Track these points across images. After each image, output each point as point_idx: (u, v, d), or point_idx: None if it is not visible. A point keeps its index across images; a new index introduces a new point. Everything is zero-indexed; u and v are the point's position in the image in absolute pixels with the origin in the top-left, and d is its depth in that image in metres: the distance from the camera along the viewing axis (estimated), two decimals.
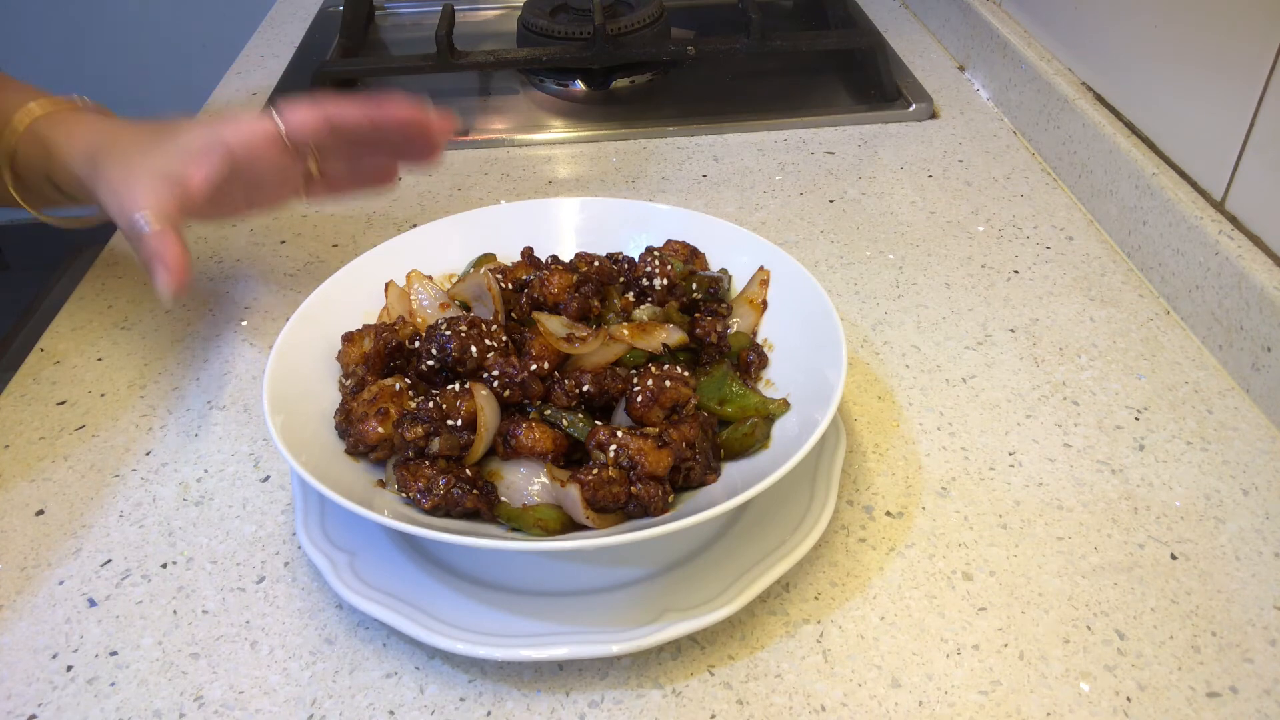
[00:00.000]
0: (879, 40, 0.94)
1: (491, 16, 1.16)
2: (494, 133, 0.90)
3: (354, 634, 0.47)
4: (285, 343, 0.52)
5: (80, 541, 0.52)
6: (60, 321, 0.68)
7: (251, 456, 0.57)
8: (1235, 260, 0.59)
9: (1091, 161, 0.75)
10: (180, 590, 0.49)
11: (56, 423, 0.59)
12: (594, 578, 0.47)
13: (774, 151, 0.86)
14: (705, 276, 0.58)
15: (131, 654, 0.46)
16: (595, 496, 0.45)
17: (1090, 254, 0.72)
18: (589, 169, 0.84)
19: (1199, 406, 0.58)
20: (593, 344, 0.51)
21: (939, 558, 0.50)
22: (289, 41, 1.09)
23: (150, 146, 0.55)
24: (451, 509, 0.46)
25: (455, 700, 0.44)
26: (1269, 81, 0.58)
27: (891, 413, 0.58)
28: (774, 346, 0.55)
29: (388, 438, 0.49)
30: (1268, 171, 0.59)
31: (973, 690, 0.44)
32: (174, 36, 1.99)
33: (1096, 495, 0.53)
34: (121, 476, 0.56)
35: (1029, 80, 0.85)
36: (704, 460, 0.48)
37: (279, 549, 0.51)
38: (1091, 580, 0.48)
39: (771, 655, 0.45)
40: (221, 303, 0.69)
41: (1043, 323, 0.65)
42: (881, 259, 0.72)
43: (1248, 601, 0.47)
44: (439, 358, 0.50)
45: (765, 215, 0.77)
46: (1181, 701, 0.43)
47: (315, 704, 0.44)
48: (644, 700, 0.44)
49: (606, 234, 0.63)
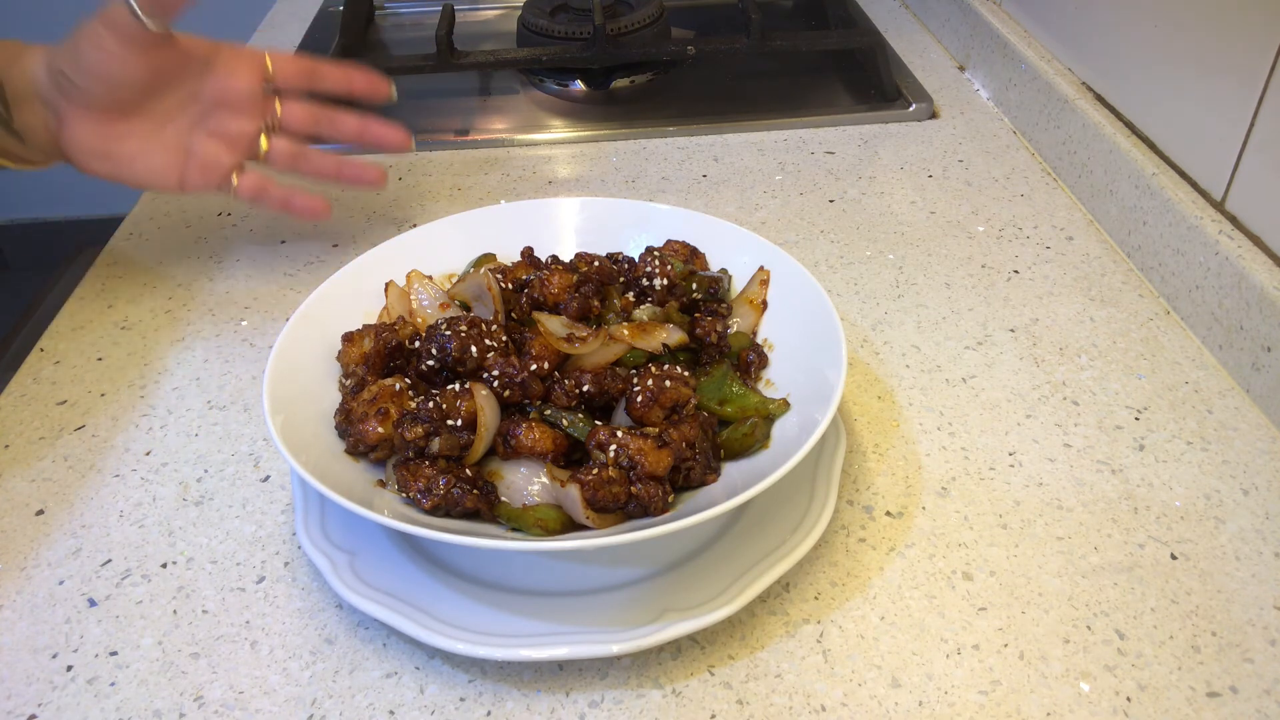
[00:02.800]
0: (879, 40, 0.94)
1: (491, 16, 1.16)
2: (494, 133, 0.90)
3: (354, 634, 0.47)
4: (285, 343, 0.52)
5: (80, 541, 0.52)
6: (60, 321, 0.68)
7: (251, 456, 0.57)
8: (1235, 260, 0.59)
9: (1091, 161, 0.75)
10: (180, 590, 0.49)
11: (56, 423, 0.59)
12: (594, 578, 0.47)
13: (774, 151, 0.86)
14: (705, 276, 0.58)
15: (131, 654, 0.46)
16: (595, 496, 0.45)
17: (1090, 254, 0.72)
18: (589, 169, 0.84)
19: (1199, 406, 0.58)
20: (593, 344, 0.51)
21: (939, 558, 0.50)
22: (289, 41, 1.09)
23: None
24: (451, 509, 0.46)
25: (455, 700, 0.44)
26: (1269, 81, 0.59)
27: (891, 413, 0.58)
28: (774, 346, 0.55)
29: (388, 438, 0.49)
30: (1268, 171, 0.59)
31: (973, 690, 0.44)
32: None
33: (1096, 495, 0.53)
34: (121, 476, 0.56)
35: (1029, 80, 0.85)
36: (704, 460, 0.48)
37: (279, 549, 0.51)
38: (1091, 580, 0.48)
39: (771, 655, 0.45)
40: (221, 303, 0.69)
41: (1043, 323, 0.65)
42: (881, 259, 0.72)
43: (1248, 601, 0.47)
44: (439, 358, 0.50)
45: (765, 215, 0.77)
46: (1181, 701, 0.43)
47: (315, 704, 0.44)
48: (644, 700, 0.44)
49: (606, 234, 0.63)
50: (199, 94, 0.63)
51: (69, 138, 0.60)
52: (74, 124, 0.59)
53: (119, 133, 0.61)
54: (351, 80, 0.66)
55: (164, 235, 0.77)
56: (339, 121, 0.67)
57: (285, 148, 0.66)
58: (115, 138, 0.61)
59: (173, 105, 0.62)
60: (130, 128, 0.61)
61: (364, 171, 0.68)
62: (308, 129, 0.66)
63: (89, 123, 0.60)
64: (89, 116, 0.59)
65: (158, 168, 0.62)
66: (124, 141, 0.61)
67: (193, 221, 0.78)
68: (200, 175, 0.63)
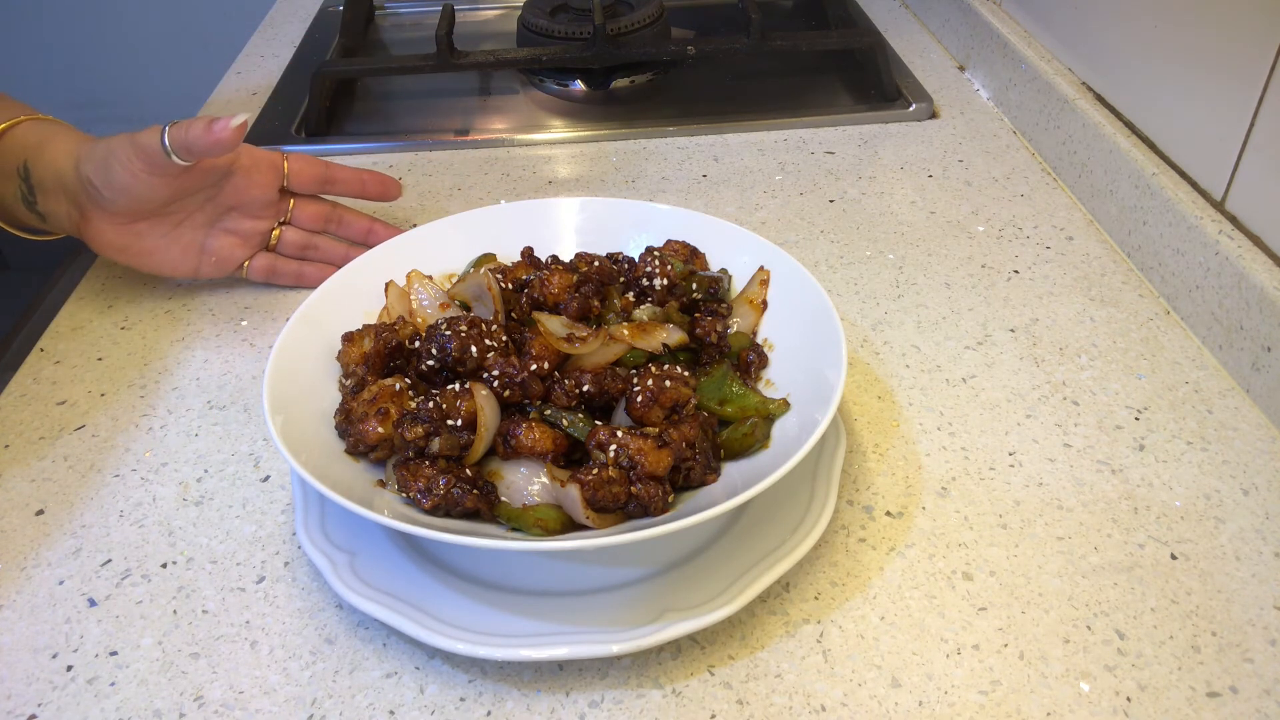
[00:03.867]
0: (879, 40, 0.94)
1: (491, 16, 1.16)
2: (494, 133, 0.90)
3: (354, 634, 0.47)
4: (285, 343, 0.52)
5: (80, 541, 0.52)
6: (60, 321, 0.68)
7: (251, 456, 0.57)
8: (1235, 260, 0.59)
9: (1091, 161, 0.75)
10: (180, 590, 0.49)
11: (56, 423, 0.59)
12: (594, 578, 0.47)
13: (774, 151, 0.86)
14: (705, 276, 0.58)
15: (131, 654, 0.46)
16: (595, 496, 0.45)
17: (1090, 254, 0.72)
18: (589, 169, 0.84)
19: (1199, 406, 0.58)
20: (593, 344, 0.51)
21: (939, 558, 0.50)
22: (289, 41, 1.09)
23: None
24: (451, 509, 0.46)
25: (455, 700, 0.44)
26: (1269, 82, 0.59)
27: (891, 413, 0.58)
28: (774, 346, 0.55)
29: (388, 438, 0.49)
30: (1268, 171, 0.59)
31: (973, 690, 0.44)
32: (174, 36, 1.99)
33: (1096, 495, 0.53)
34: (121, 476, 0.56)
35: (1029, 80, 0.85)
36: (704, 460, 0.48)
37: (279, 549, 0.51)
38: (1091, 580, 0.48)
39: (771, 655, 0.45)
40: (221, 303, 0.69)
41: (1043, 323, 0.65)
42: (881, 259, 0.72)
43: (1248, 601, 0.47)
44: (439, 358, 0.50)
45: (765, 215, 0.77)
46: (1181, 701, 0.43)
47: (315, 704, 0.44)
48: (644, 700, 0.44)
49: (606, 234, 0.63)
50: (216, 198, 0.66)
51: (89, 232, 0.63)
52: (95, 221, 0.63)
53: (138, 231, 0.64)
54: (364, 183, 0.70)
55: None
56: (347, 222, 0.71)
57: (295, 238, 0.69)
58: (134, 235, 0.64)
59: (191, 207, 0.65)
60: (149, 227, 0.64)
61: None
62: (318, 226, 0.70)
63: (110, 222, 0.63)
64: (110, 218, 0.63)
65: (174, 261, 0.66)
66: (142, 239, 0.64)
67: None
68: (215, 268, 0.67)
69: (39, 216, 0.64)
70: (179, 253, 0.65)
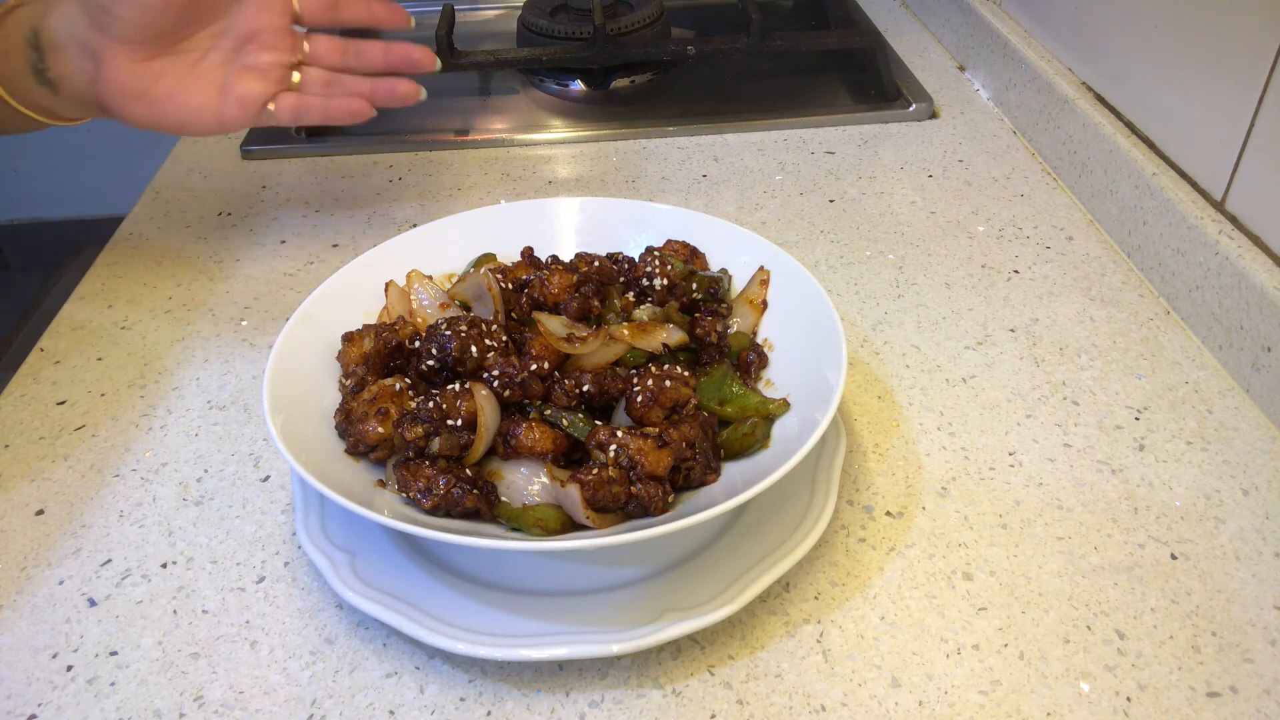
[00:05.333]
0: (879, 40, 0.94)
1: (491, 16, 1.16)
2: (494, 133, 0.90)
3: (354, 634, 0.47)
4: (285, 343, 0.52)
5: (80, 541, 0.52)
6: (60, 321, 0.68)
7: (251, 456, 0.57)
8: (1235, 260, 0.59)
9: (1091, 161, 0.75)
10: (180, 590, 0.49)
11: (56, 423, 0.59)
12: (594, 578, 0.47)
13: (774, 151, 0.86)
14: (705, 276, 0.58)
15: (131, 654, 0.46)
16: (595, 496, 0.45)
17: (1090, 254, 0.72)
18: (589, 169, 0.84)
19: (1199, 406, 0.58)
20: (593, 344, 0.51)
21: (939, 558, 0.50)
22: None
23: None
24: (451, 509, 0.46)
25: (455, 700, 0.44)
26: (1269, 82, 0.59)
27: (891, 413, 0.58)
28: (774, 346, 0.55)
29: (388, 438, 0.49)
30: (1268, 171, 0.59)
31: (973, 690, 0.44)
32: None
33: (1096, 495, 0.53)
34: (121, 476, 0.56)
35: (1029, 80, 0.85)
36: (704, 460, 0.48)
37: (279, 549, 0.51)
38: (1091, 580, 0.48)
39: (771, 655, 0.45)
40: (221, 303, 0.69)
41: (1043, 323, 0.65)
42: (881, 259, 0.72)
43: (1248, 601, 0.47)
44: (439, 358, 0.50)
45: (765, 215, 0.77)
46: (1181, 701, 0.43)
47: (315, 704, 0.44)
48: (644, 700, 0.44)
49: (606, 234, 0.63)
50: (230, 29, 0.63)
51: (105, 79, 0.60)
52: (111, 64, 0.60)
53: (155, 71, 0.61)
54: (374, 10, 0.68)
55: (164, 235, 0.77)
56: (365, 51, 0.68)
57: (318, 75, 0.67)
58: (151, 76, 0.61)
59: (205, 41, 0.63)
60: (166, 65, 0.61)
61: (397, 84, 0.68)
62: (336, 63, 0.67)
63: (125, 60, 0.60)
64: (125, 54, 0.60)
65: (196, 105, 0.62)
66: (160, 80, 0.61)
67: (193, 222, 0.78)
68: (238, 109, 0.63)
69: (51, 87, 0.61)
70: (199, 95, 0.62)
